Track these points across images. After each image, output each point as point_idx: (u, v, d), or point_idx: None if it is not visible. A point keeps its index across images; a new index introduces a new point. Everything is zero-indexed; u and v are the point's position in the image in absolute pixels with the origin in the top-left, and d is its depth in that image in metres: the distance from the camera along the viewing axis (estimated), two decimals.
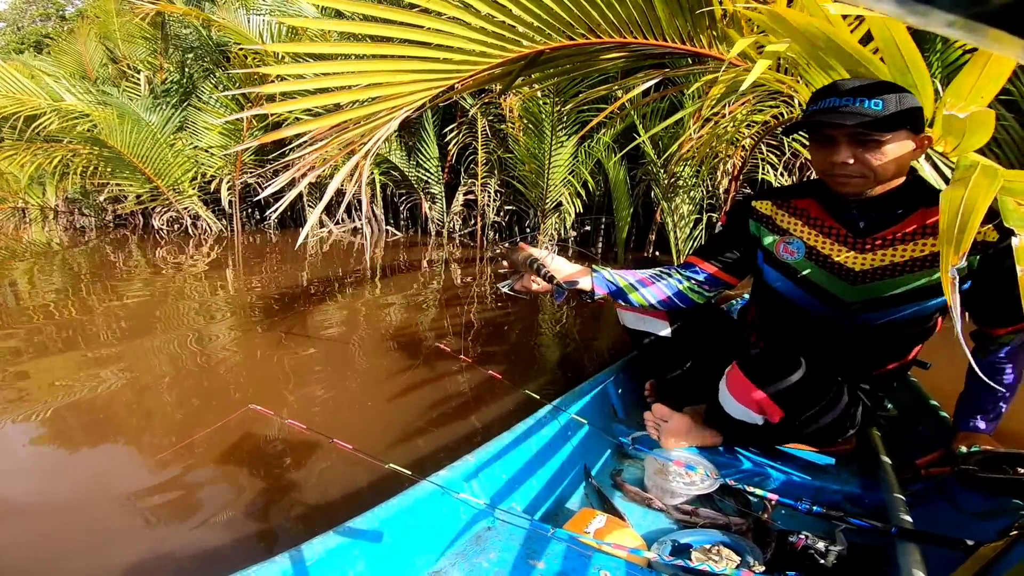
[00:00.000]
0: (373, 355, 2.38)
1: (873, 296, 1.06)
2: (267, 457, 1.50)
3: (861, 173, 0.97)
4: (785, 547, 0.93)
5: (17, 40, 15.75)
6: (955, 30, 0.18)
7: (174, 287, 3.72)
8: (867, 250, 1.05)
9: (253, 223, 7.20)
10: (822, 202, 1.11)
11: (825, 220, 1.10)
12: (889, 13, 0.18)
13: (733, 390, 1.14)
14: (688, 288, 1.24)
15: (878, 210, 1.04)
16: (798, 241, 1.13)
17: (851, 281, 1.07)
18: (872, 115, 0.91)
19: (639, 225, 5.19)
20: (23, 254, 5.18)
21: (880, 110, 0.91)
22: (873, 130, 0.92)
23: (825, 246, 1.10)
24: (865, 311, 1.08)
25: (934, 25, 0.18)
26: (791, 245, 1.13)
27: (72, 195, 6.95)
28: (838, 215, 1.08)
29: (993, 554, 0.77)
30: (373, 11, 1.45)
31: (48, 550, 1.14)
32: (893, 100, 0.92)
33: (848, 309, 1.09)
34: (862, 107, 0.92)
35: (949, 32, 0.18)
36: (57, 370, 2.13)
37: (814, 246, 1.11)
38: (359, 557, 0.82)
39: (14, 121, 5.28)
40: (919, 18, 0.18)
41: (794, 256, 1.13)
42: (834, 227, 1.09)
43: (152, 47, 6.69)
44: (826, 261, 1.09)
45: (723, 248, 1.24)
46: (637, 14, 1.45)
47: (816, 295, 1.12)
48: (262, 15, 5.25)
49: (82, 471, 1.47)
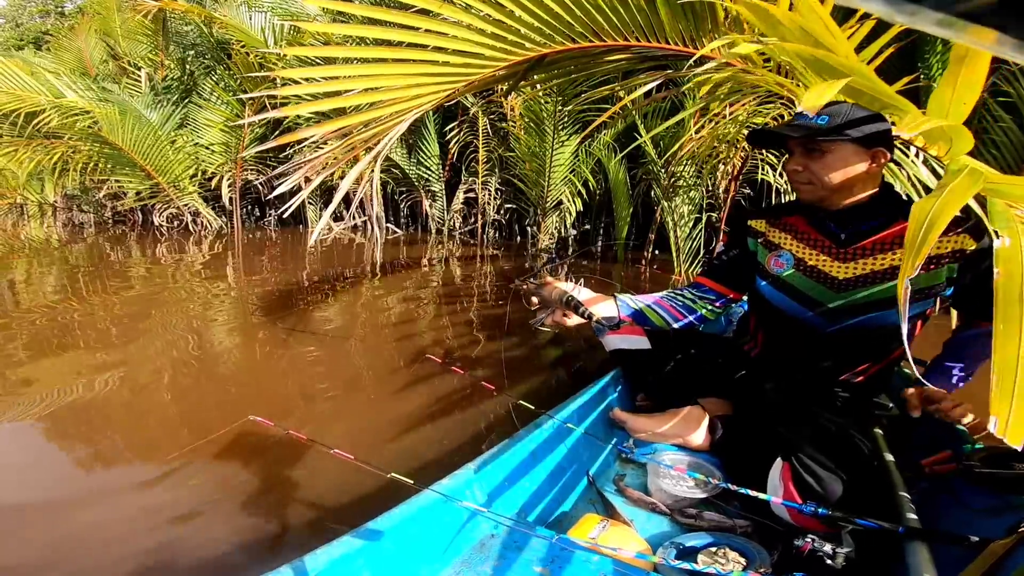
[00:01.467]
0: (374, 356, 2.38)
1: (855, 302, 1.14)
2: (267, 466, 1.49)
3: (808, 180, 1.11)
4: (791, 551, 0.94)
5: (16, 36, 15.70)
6: (943, 28, 0.18)
7: (174, 284, 3.72)
8: (848, 259, 1.15)
9: (253, 220, 7.19)
10: (807, 217, 1.21)
11: (811, 233, 1.20)
12: (878, 12, 0.19)
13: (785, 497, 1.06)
14: (702, 307, 1.34)
15: (854, 222, 1.14)
16: (787, 254, 1.23)
17: (835, 289, 1.16)
18: (816, 128, 1.06)
19: (639, 224, 5.19)
20: (21, 250, 5.17)
21: (824, 123, 1.05)
22: (815, 140, 1.07)
23: (811, 257, 1.19)
24: (848, 316, 1.16)
25: (922, 23, 0.18)
26: (781, 258, 1.24)
27: (71, 191, 6.93)
28: (821, 228, 1.18)
29: (1003, 551, 0.77)
30: (376, 14, 1.45)
31: (44, 554, 1.14)
32: (839, 114, 1.06)
33: (833, 315, 1.17)
34: (810, 121, 1.07)
35: (937, 31, 0.19)
36: (55, 370, 2.13)
37: (802, 258, 1.21)
38: (363, 567, 0.82)
39: (14, 118, 5.26)
40: (907, 17, 0.18)
41: (783, 268, 1.23)
42: (819, 239, 1.19)
43: (153, 44, 6.66)
44: (812, 271, 1.19)
45: (727, 266, 1.34)
46: (640, 17, 1.45)
47: (803, 303, 1.21)
48: (264, 12, 5.23)
49: (77, 474, 1.47)
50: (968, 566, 0.78)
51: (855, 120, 1.05)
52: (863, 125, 1.05)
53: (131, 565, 1.12)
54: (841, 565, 0.89)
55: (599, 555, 0.93)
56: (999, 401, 0.61)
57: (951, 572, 0.79)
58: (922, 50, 3.12)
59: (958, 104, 0.96)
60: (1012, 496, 0.95)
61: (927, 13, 0.18)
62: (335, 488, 1.38)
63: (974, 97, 0.95)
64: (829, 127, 1.05)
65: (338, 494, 1.36)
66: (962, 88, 0.93)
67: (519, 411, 1.84)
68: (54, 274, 4.07)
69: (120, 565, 1.12)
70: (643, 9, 1.43)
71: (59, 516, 1.27)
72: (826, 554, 0.90)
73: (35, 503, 1.32)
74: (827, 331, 1.18)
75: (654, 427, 1.33)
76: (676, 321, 1.34)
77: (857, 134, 1.04)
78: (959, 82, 0.92)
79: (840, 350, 1.19)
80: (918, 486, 1.08)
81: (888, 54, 1.51)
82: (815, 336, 1.20)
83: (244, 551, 1.16)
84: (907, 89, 1.80)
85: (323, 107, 1.52)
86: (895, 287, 1.08)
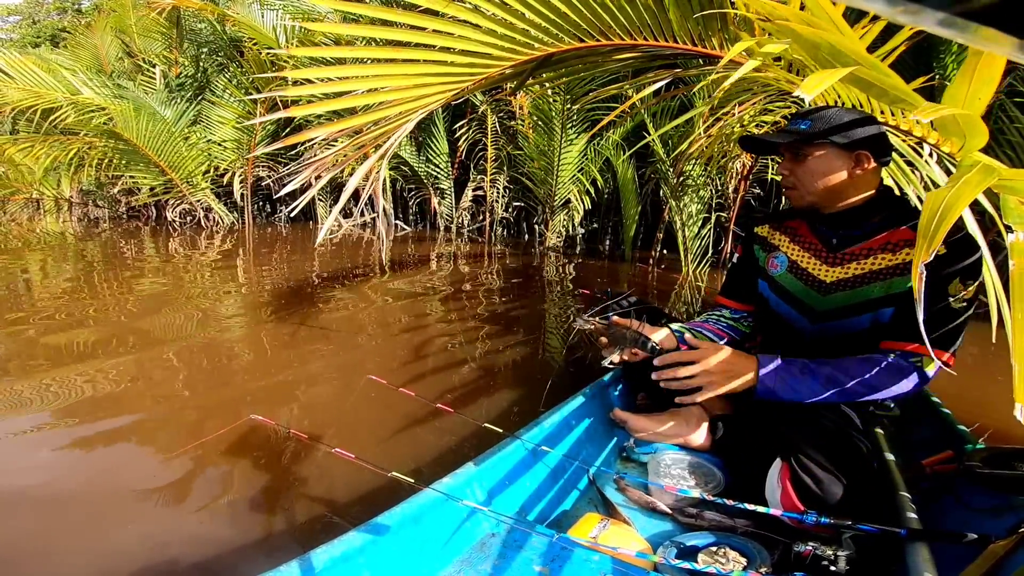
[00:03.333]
0: (382, 351, 2.40)
1: (836, 305, 1.16)
2: (268, 464, 1.50)
3: (793, 184, 1.14)
4: (791, 556, 0.94)
5: (33, 34, 15.88)
6: (945, 28, 0.18)
7: (186, 279, 3.76)
8: (836, 263, 1.16)
9: (264, 216, 7.25)
10: (808, 221, 1.23)
11: (807, 237, 1.23)
12: (881, 12, 0.19)
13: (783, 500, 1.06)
14: (741, 325, 1.40)
15: (845, 226, 1.14)
16: (783, 256, 1.26)
17: (821, 292, 1.18)
18: (800, 133, 1.08)
19: (647, 223, 5.17)
20: (37, 244, 5.26)
21: (807, 128, 1.08)
22: (798, 144, 1.09)
23: (803, 260, 1.22)
24: (828, 319, 1.18)
25: (925, 23, 0.18)
26: (776, 259, 1.27)
27: (86, 187, 7.03)
28: (817, 232, 1.20)
29: (1003, 551, 0.77)
30: (385, 15, 1.46)
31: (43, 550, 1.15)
32: (821, 120, 1.07)
33: (817, 317, 1.19)
34: (796, 127, 1.09)
35: (939, 30, 0.19)
36: (62, 363, 2.16)
37: (796, 260, 1.23)
38: (364, 566, 0.82)
39: (30, 114, 5.35)
40: (910, 16, 0.19)
41: (778, 269, 1.26)
42: (813, 243, 1.21)
43: (167, 41, 6.73)
44: (802, 273, 1.22)
45: (741, 281, 1.38)
46: (648, 17, 1.44)
47: (792, 304, 1.24)
48: (275, 10, 5.27)
49: (82, 467, 1.49)
50: (969, 566, 0.77)
51: (839, 125, 1.06)
52: (848, 130, 1.06)
53: (130, 561, 1.12)
54: (844, 569, 0.89)
55: (599, 554, 0.93)
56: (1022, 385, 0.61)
57: (952, 572, 0.78)
58: (937, 50, 3.08)
59: (973, 99, 0.96)
60: (1013, 496, 0.94)
61: (929, 13, 0.18)
62: (336, 487, 1.39)
63: (989, 92, 0.94)
64: (811, 132, 1.07)
65: (338, 493, 1.37)
66: (978, 83, 0.92)
67: (520, 404, 1.85)
68: (70, 267, 4.14)
69: (119, 561, 1.13)
70: (651, 8, 1.42)
71: (60, 511, 1.28)
72: (828, 558, 0.90)
73: (36, 498, 1.33)
74: (810, 332, 1.21)
75: (654, 426, 1.33)
76: (720, 340, 1.36)
77: (840, 139, 1.06)
78: (975, 77, 0.91)
79: (823, 352, 1.18)
80: (919, 486, 1.08)
81: (899, 52, 1.49)
82: (801, 337, 1.23)
83: (244, 549, 1.17)
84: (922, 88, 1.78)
85: (332, 107, 1.54)
86: (870, 291, 1.11)
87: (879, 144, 1.08)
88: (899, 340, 1.07)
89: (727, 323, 1.39)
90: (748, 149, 1.26)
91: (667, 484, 1.15)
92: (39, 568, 1.11)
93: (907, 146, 1.62)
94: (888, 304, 1.09)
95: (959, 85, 0.91)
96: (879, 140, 1.08)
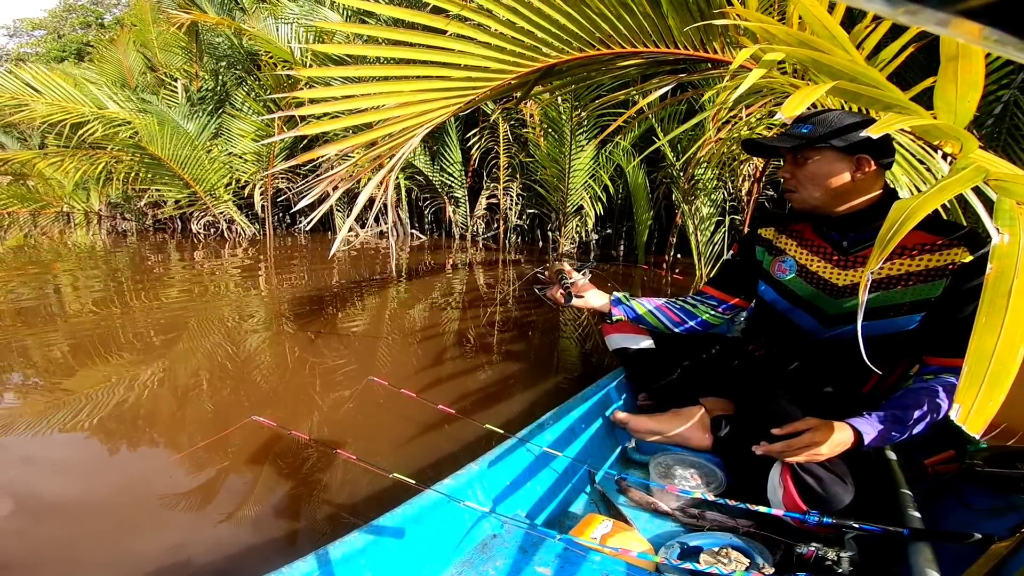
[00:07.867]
0: (397, 357, 2.43)
1: (852, 310, 1.14)
2: (272, 465, 1.52)
3: (795, 188, 1.14)
4: (792, 557, 0.94)
5: (59, 48, 16.19)
6: (944, 27, 0.19)
7: (210, 289, 3.86)
8: (848, 267, 1.15)
9: (284, 227, 7.39)
10: (813, 224, 1.22)
11: (815, 240, 1.21)
12: (880, 11, 0.19)
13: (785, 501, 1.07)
14: (704, 312, 1.38)
15: (854, 229, 1.13)
16: (791, 260, 1.24)
17: (834, 296, 1.16)
18: (801, 137, 1.08)
19: (660, 228, 5.16)
20: (67, 256, 5.43)
21: (808, 132, 1.08)
22: (799, 149, 1.09)
23: (813, 263, 1.20)
24: (844, 323, 1.16)
25: (924, 23, 0.19)
26: (784, 264, 1.25)
27: (115, 200, 7.23)
28: (824, 235, 1.19)
29: (1005, 551, 0.77)
30: (394, 35, 1.51)
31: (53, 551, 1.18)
32: (822, 124, 1.07)
33: (831, 321, 1.17)
34: (797, 131, 1.09)
35: (938, 30, 0.19)
36: (87, 371, 2.24)
37: (805, 264, 1.22)
38: (366, 566, 0.84)
39: (60, 128, 5.52)
40: (909, 16, 0.19)
41: (786, 274, 1.24)
42: (822, 246, 1.19)
43: (187, 56, 6.92)
44: (813, 277, 1.20)
45: (734, 276, 1.37)
46: (648, 24, 1.47)
47: (805, 309, 1.22)
48: (290, 24, 5.39)
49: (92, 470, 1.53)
50: (971, 566, 0.77)
51: (840, 128, 1.06)
52: (849, 133, 1.05)
53: (134, 561, 1.15)
54: (847, 570, 0.89)
55: (602, 555, 0.94)
56: (966, 389, 0.61)
57: (954, 572, 0.78)
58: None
59: (963, 103, 0.96)
60: (1015, 496, 0.93)
61: (928, 12, 0.18)
62: (338, 488, 1.41)
63: (977, 95, 0.94)
64: (811, 136, 1.07)
65: (341, 494, 1.38)
66: (964, 86, 0.92)
67: (523, 404, 1.87)
68: (100, 278, 4.27)
69: (124, 561, 1.15)
70: (650, 16, 1.44)
71: (70, 514, 1.31)
72: (830, 560, 0.90)
73: (50, 500, 1.37)
74: (824, 337, 1.19)
75: (656, 427, 1.34)
76: (676, 326, 1.39)
77: (840, 143, 1.05)
78: (960, 80, 0.91)
79: (837, 356, 1.18)
80: (921, 486, 1.07)
81: (909, 53, 1.48)
82: (812, 341, 1.21)
83: (245, 550, 1.18)
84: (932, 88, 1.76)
85: (346, 124, 1.59)
86: (890, 296, 1.08)
87: (880, 147, 1.07)
88: (947, 356, 1.04)
89: (685, 307, 1.38)
90: (751, 152, 1.27)
91: (669, 485, 1.16)
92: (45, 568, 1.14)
93: (917, 146, 1.60)
94: (913, 311, 1.07)
95: (946, 89, 0.91)
96: (880, 143, 1.07)
